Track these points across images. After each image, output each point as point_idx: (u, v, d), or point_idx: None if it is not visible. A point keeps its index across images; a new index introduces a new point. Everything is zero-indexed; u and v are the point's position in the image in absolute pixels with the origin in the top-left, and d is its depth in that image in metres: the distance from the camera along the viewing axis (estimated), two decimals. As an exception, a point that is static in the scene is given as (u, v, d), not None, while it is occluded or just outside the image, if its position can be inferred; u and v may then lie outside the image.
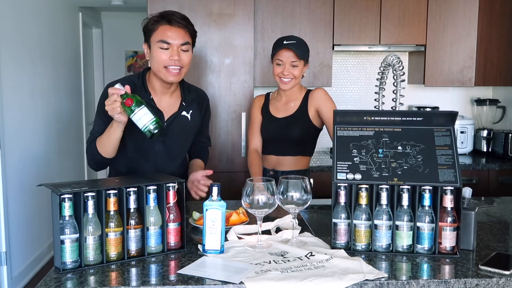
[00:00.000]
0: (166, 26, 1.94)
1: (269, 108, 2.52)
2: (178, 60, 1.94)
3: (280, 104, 2.49)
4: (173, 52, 1.93)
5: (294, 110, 2.45)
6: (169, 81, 1.98)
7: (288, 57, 2.32)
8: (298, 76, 2.36)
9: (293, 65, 2.33)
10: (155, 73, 2.00)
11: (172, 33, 1.93)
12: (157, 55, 1.94)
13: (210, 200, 1.55)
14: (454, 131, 1.66)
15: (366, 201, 1.57)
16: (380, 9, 3.43)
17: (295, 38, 2.37)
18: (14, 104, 3.58)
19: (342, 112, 1.72)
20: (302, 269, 1.42)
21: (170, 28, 1.94)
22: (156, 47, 1.94)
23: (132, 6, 5.60)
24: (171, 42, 1.93)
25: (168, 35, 1.93)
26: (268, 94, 2.59)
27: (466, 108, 3.98)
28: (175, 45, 1.93)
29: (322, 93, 2.42)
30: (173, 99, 2.09)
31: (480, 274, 1.42)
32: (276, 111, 2.49)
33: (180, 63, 1.95)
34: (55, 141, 4.45)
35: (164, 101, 2.06)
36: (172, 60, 1.93)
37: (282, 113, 2.47)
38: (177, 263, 1.50)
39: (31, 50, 3.93)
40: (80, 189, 1.44)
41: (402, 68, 2.03)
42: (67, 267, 1.43)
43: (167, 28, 1.94)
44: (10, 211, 3.46)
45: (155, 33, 1.95)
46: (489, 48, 3.57)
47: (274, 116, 2.49)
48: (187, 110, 2.10)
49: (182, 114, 2.09)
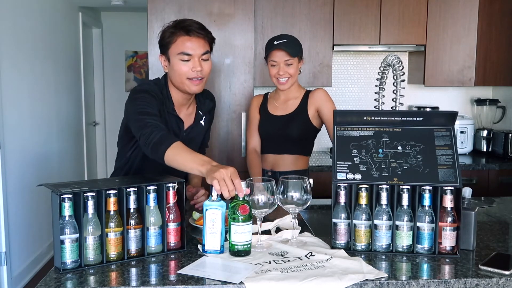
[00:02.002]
0: (185, 37, 1.89)
1: (267, 106, 2.52)
2: (201, 71, 1.91)
3: (279, 102, 2.49)
4: (195, 64, 1.90)
5: (293, 108, 2.44)
6: (192, 92, 1.96)
7: (281, 57, 2.31)
8: (294, 74, 2.36)
9: (287, 64, 2.32)
10: (176, 86, 1.96)
11: (192, 44, 1.89)
12: (179, 67, 1.91)
13: (210, 200, 1.55)
14: (454, 131, 1.66)
15: (366, 201, 1.57)
16: (380, 9, 3.43)
17: (285, 36, 2.36)
18: (14, 104, 3.58)
19: (342, 112, 1.72)
20: (302, 269, 1.42)
21: (190, 39, 1.89)
22: (176, 59, 1.91)
23: (132, 6, 5.60)
24: (192, 53, 1.89)
25: (188, 46, 1.89)
26: (266, 94, 2.59)
27: (466, 108, 3.97)
28: (196, 55, 1.90)
29: (323, 94, 2.42)
30: (190, 109, 2.09)
31: (480, 274, 1.42)
32: (275, 109, 2.49)
33: (202, 74, 1.93)
34: (55, 141, 4.45)
35: (183, 112, 2.05)
36: (195, 72, 1.90)
37: (281, 111, 2.47)
38: (177, 263, 1.50)
39: (31, 50, 3.93)
40: (80, 189, 1.44)
41: (402, 68, 2.03)
42: (67, 267, 1.43)
43: (186, 39, 1.89)
44: (10, 211, 3.46)
45: (174, 45, 1.90)
46: (489, 48, 3.57)
47: (272, 114, 2.48)
48: (202, 119, 2.12)
49: (199, 122, 2.11)
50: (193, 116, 2.09)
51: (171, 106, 1.98)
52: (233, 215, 1.51)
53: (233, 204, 1.52)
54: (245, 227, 1.51)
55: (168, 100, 1.97)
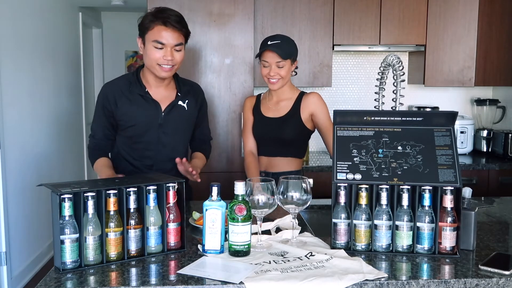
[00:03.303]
0: (161, 27, 2.01)
1: (260, 108, 2.47)
2: (171, 60, 2.03)
3: (271, 103, 2.44)
4: (166, 53, 2.02)
5: (286, 111, 2.40)
6: (161, 76, 2.09)
7: (273, 58, 2.27)
8: (285, 75, 2.31)
9: (279, 66, 2.28)
10: (148, 68, 2.10)
11: (166, 34, 2.01)
12: (151, 53, 2.03)
13: (210, 200, 1.55)
14: (454, 131, 1.66)
15: (366, 201, 1.57)
16: (380, 9, 3.43)
17: (279, 37, 2.32)
18: (14, 104, 3.58)
19: (342, 112, 1.72)
20: (302, 269, 1.42)
21: (166, 29, 2.01)
22: (150, 45, 2.03)
23: (132, 6, 5.60)
24: (165, 43, 2.02)
25: (162, 36, 2.01)
26: (259, 95, 2.55)
27: (466, 108, 3.98)
28: (169, 45, 2.02)
29: (317, 98, 2.37)
30: (169, 91, 2.19)
31: (480, 274, 1.42)
32: (267, 110, 2.44)
33: (172, 62, 2.05)
34: (55, 141, 4.45)
35: (160, 93, 2.16)
36: (166, 60, 2.03)
37: (273, 113, 2.42)
38: (177, 263, 1.50)
39: (31, 50, 3.93)
40: (80, 189, 1.44)
41: (402, 68, 2.03)
42: (67, 267, 1.43)
43: (162, 29, 2.01)
44: (10, 211, 3.46)
45: (151, 31, 2.02)
46: (489, 48, 3.57)
47: (265, 116, 2.44)
48: (183, 100, 2.19)
49: (178, 103, 2.18)
50: (173, 96, 2.18)
51: (143, 89, 2.12)
52: (232, 215, 1.52)
53: (232, 204, 1.52)
54: (243, 227, 1.51)
55: (140, 85, 2.13)
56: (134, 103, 2.11)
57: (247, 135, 2.51)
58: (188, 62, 3.22)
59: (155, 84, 2.14)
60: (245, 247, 1.53)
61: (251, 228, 1.55)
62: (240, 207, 1.51)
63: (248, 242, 1.53)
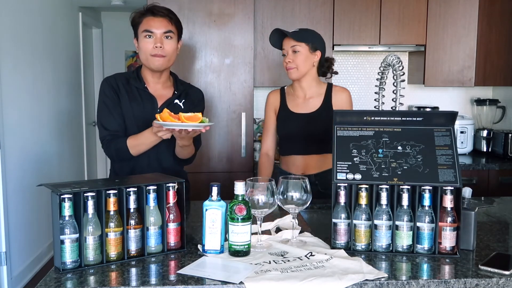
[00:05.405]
0: (149, 17, 2.07)
1: (287, 103, 2.40)
2: (161, 48, 2.05)
3: (300, 100, 2.37)
4: (156, 40, 2.05)
5: (317, 106, 2.34)
6: (155, 67, 2.09)
7: (288, 43, 2.27)
8: (301, 64, 2.26)
9: (294, 50, 2.25)
10: (143, 63, 2.13)
11: (155, 23, 2.06)
12: (143, 45, 2.07)
13: (210, 200, 1.55)
14: (454, 131, 1.66)
15: (366, 201, 1.57)
16: (380, 9, 3.43)
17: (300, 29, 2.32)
18: (14, 104, 3.58)
19: (342, 112, 1.72)
20: (302, 269, 1.42)
21: (153, 18, 2.06)
22: (141, 37, 2.07)
23: (132, 6, 5.59)
24: (154, 30, 2.05)
25: (151, 24, 2.06)
26: (283, 89, 2.47)
27: (466, 108, 3.98)
28: (158, 33, 2.05)
29: (349, 98, 2.35)
30: (166, 89, 2.20)
31: (480, 274, 1.42)
32: (296, 107, 2.37)
33: (163, 52, 2.06)
34: (55, 141, 4.45)
35: (157, 90, 2.18)
36: (156, 48, 2.04)
37: (303, 109, 2.35)
38: (177, 263, 1.50)
39: (31, 50, 3.93)
40: (80, 189, 1.44)
41: (402, 68, 2.03)
42: (67, 267, 1.43)
43: (150, 19, 2.07)
44: (10, 211, 3.46)
45: (141, 25, 2.08)
46: (489, 48, 3.57)
47: (294, 113, 2.36)
48: (179, 99, 2.20)
49: (175, 102, 2.18)
50: (170, 94, 2.20)
51: (142, 84, 2.14)
52: (232, 215, 1.52)
53: (232, 204, 1.52)
54: (243, 227, 1.51)
55: (140, 80, 2.15)
56: (131, 97, 2.13)
57: (266, 135, 2.45)
58: (188, 62, 3.22)
59: (152, 81, 2.16)
60: (245, 247, 1.53)
61: (251, 228, 1.55)
62: (240, 207, 1.51)
63: (248, 242, 1.53)
